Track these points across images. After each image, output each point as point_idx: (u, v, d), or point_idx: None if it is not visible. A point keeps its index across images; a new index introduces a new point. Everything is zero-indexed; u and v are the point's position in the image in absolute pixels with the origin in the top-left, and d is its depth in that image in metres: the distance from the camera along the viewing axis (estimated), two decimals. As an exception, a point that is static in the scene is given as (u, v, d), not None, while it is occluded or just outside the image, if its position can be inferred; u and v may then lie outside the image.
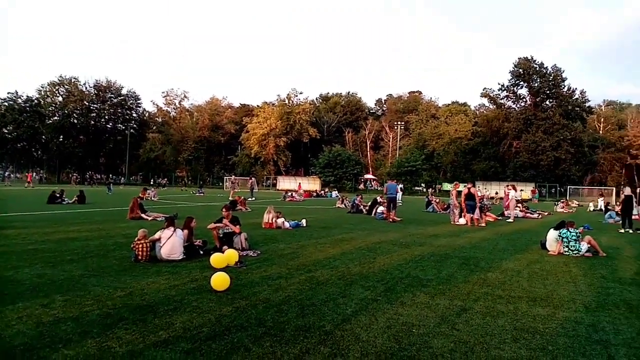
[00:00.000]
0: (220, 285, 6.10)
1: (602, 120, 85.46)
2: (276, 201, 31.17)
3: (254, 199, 31.59)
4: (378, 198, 21.34)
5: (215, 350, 4.02)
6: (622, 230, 15.57)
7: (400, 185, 37.82)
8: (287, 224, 13.90)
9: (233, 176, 48.52)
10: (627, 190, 16.62)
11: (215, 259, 7.62)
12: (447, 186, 62.09)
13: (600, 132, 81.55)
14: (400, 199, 36.99)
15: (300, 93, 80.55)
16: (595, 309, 5.64)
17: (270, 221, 13.86)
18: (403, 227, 15.60)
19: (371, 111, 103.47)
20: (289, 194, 36.48)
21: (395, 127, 78.44)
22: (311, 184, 63.23)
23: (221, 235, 9.50)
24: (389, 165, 77.37)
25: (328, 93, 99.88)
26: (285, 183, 65.95)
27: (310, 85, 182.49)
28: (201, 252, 8.76)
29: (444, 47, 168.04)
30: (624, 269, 8.49)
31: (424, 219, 19.69)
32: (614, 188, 54.38)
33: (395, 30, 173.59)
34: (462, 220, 17.09)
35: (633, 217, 16.49)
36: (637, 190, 17.34)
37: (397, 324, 4.89)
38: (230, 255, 7.92)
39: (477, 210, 17.05)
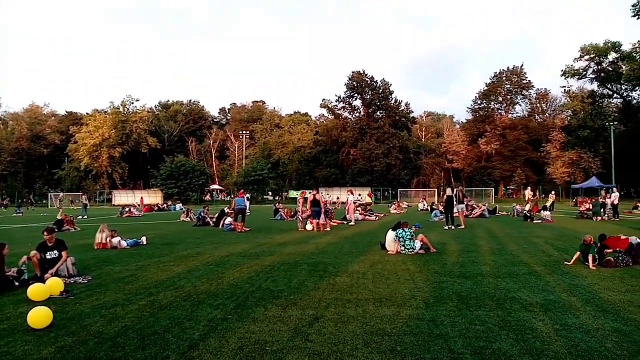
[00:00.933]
0: (40, 322, 5.17)
1: (424, 129, 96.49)
2: (111, 218, 28.53)
3: (86, 217, 28.47)
4: (226, 209, 20.82)
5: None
6: (446, 227, 17.51)
7: (248, 195, 37.62)
8: (123, 243, 12.66)
9: (61, 193, 43.16)
10: (448, 191, 18.78)
11: (35, 290, 6.51)
12: (293, 193, 63.89)
13: (423, 139, 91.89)
14: (248, 208, 36.90)
15: (137, 100, 75.25)
16: (433, 303, 6.08)
17: (103, 241, 12.48)
18: (252, 237, 15.39)
19: (215, 120, 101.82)
20: (127, 209, 33.67)
21: (241, 136, 78.10)
22: (152, 197, 59.47)
23: (42, 260, 8.18)
24: (235, 175, 76.73)
25: (168, 101, 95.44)
26: (123, 197, 60.96)
27: (148, 93, 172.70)
28: (16, 284, 7.43)
29: (286, 58, 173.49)
30: (451, 262, 9.43)
31: (272, 227, 19.74)
32: (435, 189, 61.54)
33: (237, 39, 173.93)
34: (309, 226, 17.50)
35: (454, 214, 18.66)
36: (455, 191, 19.64)
37: (249, 343, 4.63)
38: (53, 285, 6.82)
39: (323, 216, 17.63)
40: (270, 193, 68.09)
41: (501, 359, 4.10)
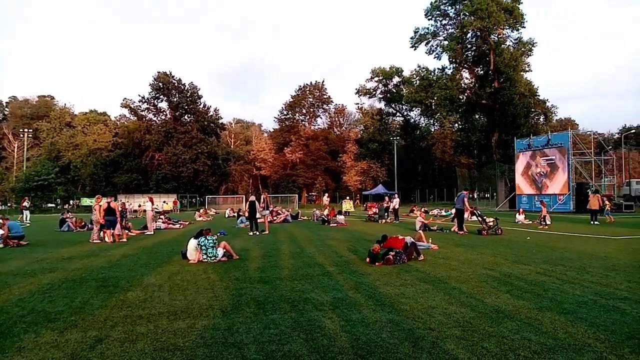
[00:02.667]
0: None
1: (233, 136, 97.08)
2: None
3: None
4: (-5, 220, 17.57)
5: None
6: (251, 233, 17.75)
7: (25, 204, 32.63)
8: None
9: None
10: (252, 197, 19.06)
11: None
12: (86, 201, 57.65)
13: (232, 146, 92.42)
14: (29, 219, 31.91)
15: None
16: (231, 311, 5.99)
17: None
18: (29, 252, 13.26)
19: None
20: None
21: (22, 135, 67.11)
22: None
23: None
24: (14, 180, 65.87)
25: None
26: None
27: None
28: None
29: (82, 49, 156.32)
30: (253, 268, 9.52)
31: (57, 239, 17.36)
32: (244, 196, 62.38)
33: (22, 23, 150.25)
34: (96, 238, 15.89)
35: (259, 220, 19.02)
36: (263, 196, 20.13)
37: (8, 380, 3.88)
38: None
39: (118, 226, 16.22)
40: (59, 201, 60.19)
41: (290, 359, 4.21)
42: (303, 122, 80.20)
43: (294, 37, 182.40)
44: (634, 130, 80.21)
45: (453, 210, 26.68)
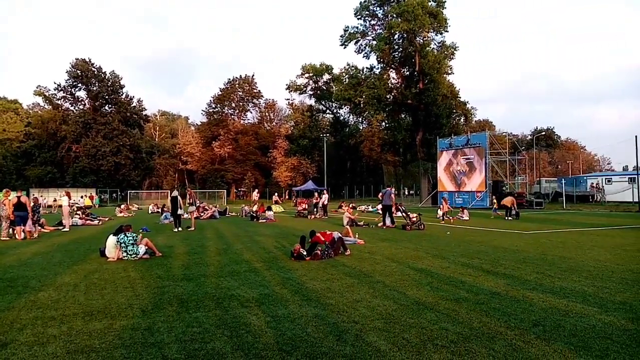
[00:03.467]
0: None
1: (157, 128, 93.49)
2: None
3: None
4: None
5: None
6: (176, 230, 17.21)
7: None
8: None
9: None
10: (174, 192, 18.40)
11: None
12: (-7, 195, 53.12)
13: (156, 139, 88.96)
14: None
15: None
16: (152, 310, 5.78)
17: None
18: None
19: None
20: None
21: None
22: None
23: None
24: None
25: None
26: None
27: None
28: None
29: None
30: (177, 266, 9.24)
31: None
32: (169, 191, 60.36)
33: None
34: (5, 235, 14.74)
35: (183, 216, 18.46)
36: (188, 192, 19.61)
37: None
38: None
39: (30, 222, 15.12)
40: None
41: (214, 358, 4.13)
42: (232, 116, 78.74)
43: (224, 29, 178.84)
44: (544, 133, 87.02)
45: (379, 207, 27.44)
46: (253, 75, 78.03)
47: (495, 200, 27.91)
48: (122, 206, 34.84)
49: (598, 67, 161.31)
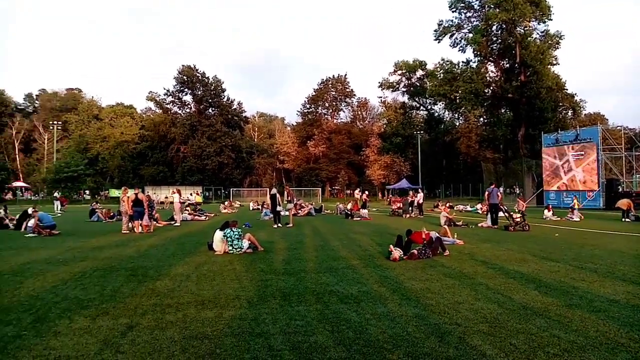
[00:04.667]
0: None
1: (256, 129, 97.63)
2: None
3: None
4: (29, 209, 18.15)
5: None
6: (275, 226, 17.89)
7: (57, 194, 33.57)
8: None
9: None
10: (273, 190, 19.12)
11: None
12: (115, 192, 58.91)
13: (255, 139, 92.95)
14: (59, 209, 32.84)
15: None
16: (257, 302, 6.07)
17: None
18: (61, 241, 13.66)
19: (19, 107, 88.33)
20: None
21: (52, 128, 68.61)
22: None
23: None
24: (44, 171, 67.72)
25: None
26: None
27: None
28: None
29: (107, 43, 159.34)
30: (278, 260, 9.61)
31: (87, 230, 17.83)
32: (268, 188, 62.83)
33: (44, 20, 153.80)
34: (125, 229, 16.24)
35: (282, 213, 19.14)
36: (286, 191, 20.26)
37: (46, 362, 4.03)
38: None
39: (146, 217, 16.56)
40: (87, 192, 61.65)
41: (317, 351, 4.24)
42: (326, 116, 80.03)
43: (317, 30, 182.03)
44: (667, 125, 77.69)
45: (479, 206, 26.30)
46: (345, 74, 78.69)
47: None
48: (226, 203, 36.90)
49: None
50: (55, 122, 67.44)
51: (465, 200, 49.47)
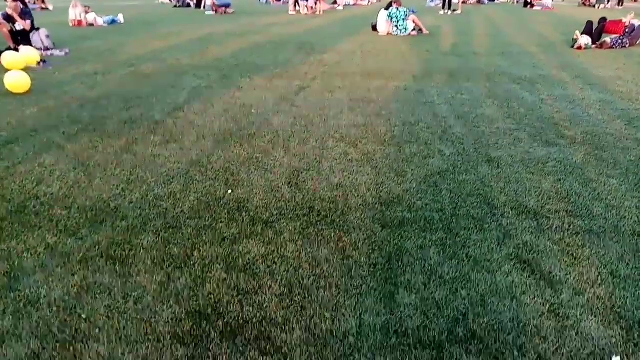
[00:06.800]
0: (18, 86, 5.03)
1: None
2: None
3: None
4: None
5: (19, 153, 3.32)
6: (442, 12, 16.55)
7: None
8: (100, 21, 11.93)
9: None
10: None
11: (9, 58, 6.18)
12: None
13: None
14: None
15: None
16: (422, 77, 5.96)
17: (78, 18, 11.69)
18: (236, 18, 14.49)
19: None
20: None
21: None
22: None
23: (15, 32, 7.69)
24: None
25: None
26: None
27: None
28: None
29: None
30: (444, 43, 9.08)
31: (258, 10, 18.52)
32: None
33: None
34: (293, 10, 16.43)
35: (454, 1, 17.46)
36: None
37: (235, 106, 4.60)
38: (28, 55, 6.51)
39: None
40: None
41: (483, 121, 4.13)
42: None
43: None
44: None
45: None
46: None
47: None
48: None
49: None
50: None
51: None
